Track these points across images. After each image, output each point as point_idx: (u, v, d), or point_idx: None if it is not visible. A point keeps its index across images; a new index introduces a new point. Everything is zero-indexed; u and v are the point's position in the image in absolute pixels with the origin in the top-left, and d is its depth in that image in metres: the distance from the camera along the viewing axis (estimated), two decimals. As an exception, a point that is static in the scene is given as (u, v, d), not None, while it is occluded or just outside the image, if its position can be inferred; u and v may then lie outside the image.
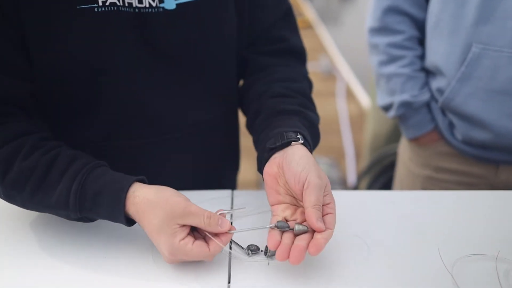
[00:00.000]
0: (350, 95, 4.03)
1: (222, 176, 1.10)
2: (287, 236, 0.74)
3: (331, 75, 4.45)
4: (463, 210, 0.96)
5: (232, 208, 0.93)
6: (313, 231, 0.72)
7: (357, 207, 0.96)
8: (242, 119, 1.06)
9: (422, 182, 1.35)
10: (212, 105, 0.98)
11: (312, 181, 0.73)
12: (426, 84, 1.27)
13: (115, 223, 0.78)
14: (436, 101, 1.25)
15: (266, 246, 0.81)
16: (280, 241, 0.73)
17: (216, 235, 0.74)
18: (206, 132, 0.99)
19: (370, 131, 2.30)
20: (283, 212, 0.78)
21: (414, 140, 1.34)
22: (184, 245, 0.71)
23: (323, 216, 0.73)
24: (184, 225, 0.72)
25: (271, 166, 0.80)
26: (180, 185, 0.95)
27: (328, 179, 0.77)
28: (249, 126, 0.96)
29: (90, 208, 0.76)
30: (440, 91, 1.21)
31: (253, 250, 0.81)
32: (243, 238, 0.83)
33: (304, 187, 0.74)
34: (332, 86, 4.22)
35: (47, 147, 0.79)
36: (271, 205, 0.79)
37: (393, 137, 2.11)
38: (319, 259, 0.80)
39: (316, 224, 0.71)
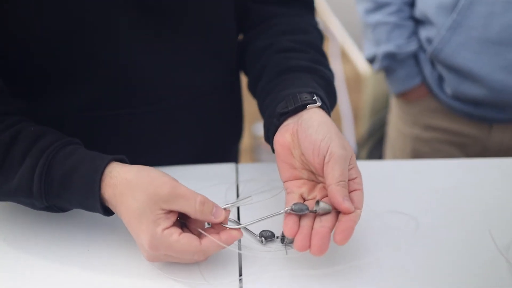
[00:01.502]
0: (345, 56, 3.88)
1: (222, 148, 0.97)
2: (307, 219, 0.61)
3: (324, 36, 4.28)
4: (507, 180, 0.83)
5: (237, 197, 0.78)
6: (337, 213, 0.60)
7: (377, 178, 0.82)
8: (243, 80, 0.92)
9: (412, 142, 1.27)
10: (210, 67, 0.84)
11: (335, 152, 0.60)
12: (414, 33, 1.19)
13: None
14: (425, 51, 1.17)
15: (283, 232, 0.67)
16: (299, 227, 0.60)
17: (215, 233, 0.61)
18: (203, 98, 0.86)
19: (369, 93, 2.19)
20: (299, 188, 0.65)
21: (401, 96, 1.26)
22: (168, 235, 0.58)
23: (349, 193, 0.60)
24: (170, 212, 0.59)
25: (283, 135, 0.66)
26: (174, 160, 0.83)
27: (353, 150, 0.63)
28: (252, 88, 0.82)
29: (58, 194, 0.62)
30: (429, 40, 1.13)
31: (267, 237, 0.67)
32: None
33: (326, 160, 0.61)
34: (325, 47, 4.06)
35: (7, 123, 0.65)
36: (284, 181, 0.66)
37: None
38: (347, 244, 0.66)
39: (343, 204, 0.58)
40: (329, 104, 0.71)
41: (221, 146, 0.96)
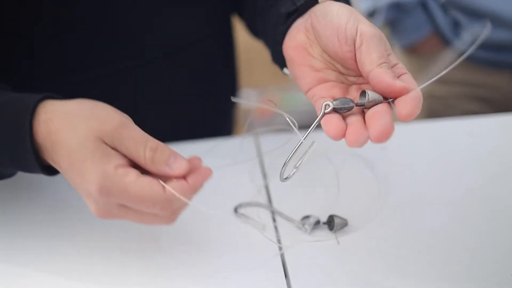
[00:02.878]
0: None
1: (218, 104, 0.84)
2: (353, 116, 0.46)
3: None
4: None
5: (264, 175, 0.65)
6: (388, 104, 0.45)
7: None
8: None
9: (426, 101, 1.15)
10: (196, 13, 0.73)
11: (367, 30, 0.46)
12: None
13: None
14: None
15: (331, 216, 0.55)
16: (346, 125, 0.45)
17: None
18: (194, 50, 0.74)
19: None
20: (328, 91, 0.49)
21: (410, 50, 1.15)
22: (123, 174, 0.44)
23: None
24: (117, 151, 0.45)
25: (294, 37, 0.52)
26: (167, 122, 0.75)
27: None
28: (250, 21, 0.71)
29: None
30: None
31: (312, 223, 0.55)
32: (288, 204, 0.57)
33: (357, 44, 0.46)
34: None
35: None
36: (306, 90, 0.51)
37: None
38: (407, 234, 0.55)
39: (396, 84, 0.43)
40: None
41: (216, 103, 0.83)
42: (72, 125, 0.45)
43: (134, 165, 0.45)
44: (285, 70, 0.56)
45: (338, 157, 0.63)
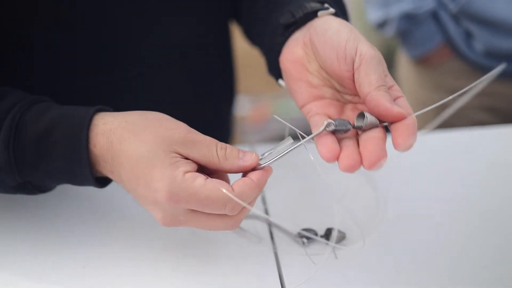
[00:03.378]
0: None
1: (216, 116, 0.84)
2: (348, 140, 0.46)
3: None
4: None
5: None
6: (384, 128, 0.45)
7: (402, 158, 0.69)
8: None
9: (437, 112, 1.13)
10: (198, 21, 0.72)
11: (367, 51, 0.46)
12: None
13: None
14: (445, 7, 1.06)
15: (329, 229, 0.55)
16: (340, 149, 0.45)
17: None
18: (193, 58, 0.73)
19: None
20: (324, 109, 0.49)
21: (421, 61, 1.14)
22: (191, 178, 0.44)
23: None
24: (188, 159, 0.46)
25: (292, 50, 0.52)
26: None
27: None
28: (248, 27, 0.70)
29: (32, 163, 0.48)
30: None
31: (309, 237, 0.54)
32: (285, 217, 0.57)
33: (356, 64, 0.46)
34: None
35: None
36: (301, 105, 0.51)
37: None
38: (408, 246, 0.54)
39: (393, 109, 0.43)
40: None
41: (215, 110, 0.83)
42: (137, 134, 0.46)
43: (201, 170, 0.46)
44: (280, 81, 0.55)
45: (336, 170, 0.62)
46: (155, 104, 0.72)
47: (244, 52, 0.90)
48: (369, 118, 0.44)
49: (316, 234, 0.55)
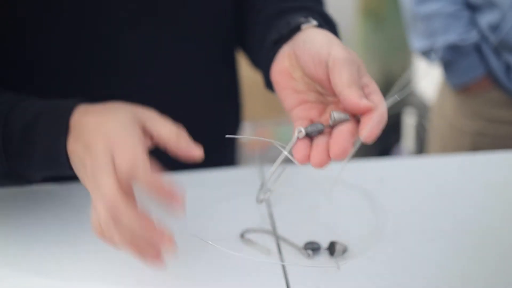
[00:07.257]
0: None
1: (222, 140, 0.86)
2: (321, 137, 0.50)
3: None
4: None
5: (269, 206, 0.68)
6: (356, 121, 0.49)
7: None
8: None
9: (473, 139, 1.16)
10: (203, 49, 0.78)
11: (338, 54, 0.51)
12: (472, 22, 1.10)
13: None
14: (487, 40, 1.08)
15: (332, 242, 0.59)
16: (312, 147, 0.50)
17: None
18: (200, 84, 0.79)
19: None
20: (307, 112, 0.54)
21: (461, 90, 1.16)
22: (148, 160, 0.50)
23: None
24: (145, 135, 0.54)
25: (280, 62, 0.57)
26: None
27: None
28: (251, 52, 0.76)
29: (18, 151, 0.55)
30: (493, 27, 1.05)
31: (314, 249, 0.58)
32: (291, 231, 0.61)
33: (330, 67, 0.51)
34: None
35: None
36: (290, 110, 0.56)
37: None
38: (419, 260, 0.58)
39: (361, 102, 0.47)
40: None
41: (220, 135, 0.85)
42: (111, 110, 0.54)
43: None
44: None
45: (339, 188, 0.67)
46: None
47: (244, 78, 0.95)
48: (336, 115, 0.49)
49: (319, 247, 0.59)
